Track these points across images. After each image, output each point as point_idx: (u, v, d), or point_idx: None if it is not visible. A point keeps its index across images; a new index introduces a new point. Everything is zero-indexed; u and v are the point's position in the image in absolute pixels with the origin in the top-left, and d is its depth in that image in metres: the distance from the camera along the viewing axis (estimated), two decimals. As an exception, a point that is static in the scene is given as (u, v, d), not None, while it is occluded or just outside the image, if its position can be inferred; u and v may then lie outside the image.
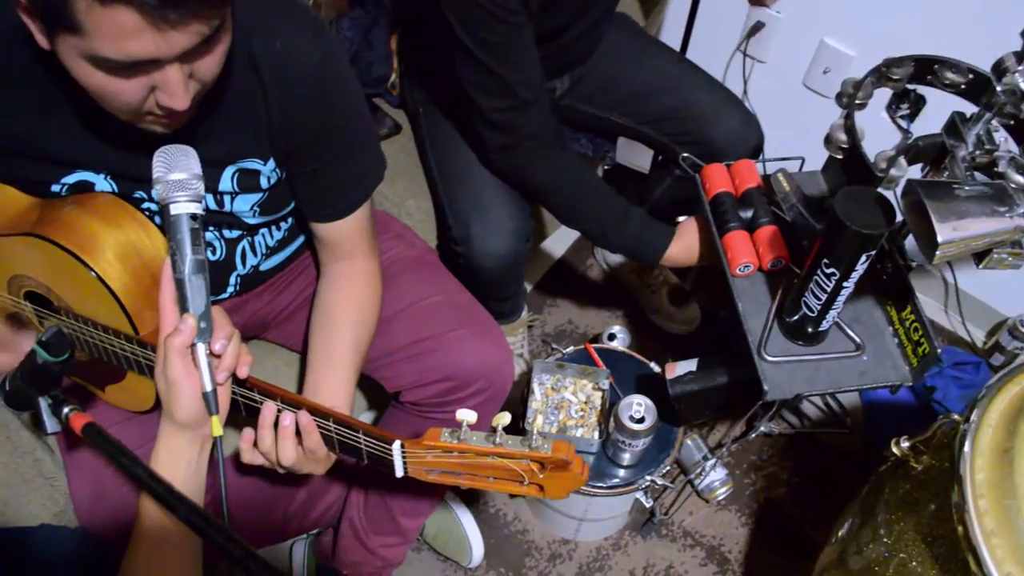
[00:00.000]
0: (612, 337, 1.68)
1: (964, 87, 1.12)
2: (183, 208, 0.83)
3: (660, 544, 1.69)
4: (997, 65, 1.06)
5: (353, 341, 1.10)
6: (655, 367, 1.53)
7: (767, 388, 1.14)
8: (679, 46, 1.79)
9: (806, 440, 1.81)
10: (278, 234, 1.17)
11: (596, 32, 1.51)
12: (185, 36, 0.74)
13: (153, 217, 0.98)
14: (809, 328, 1.16)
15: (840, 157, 1.19)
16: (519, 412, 1.46)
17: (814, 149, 1.28)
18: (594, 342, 1.59)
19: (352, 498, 1.42)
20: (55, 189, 0.96)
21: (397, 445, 0.87)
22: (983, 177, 1.05)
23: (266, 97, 0.96)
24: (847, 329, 1.20)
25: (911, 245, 1.17)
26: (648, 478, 1.42)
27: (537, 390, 1.48)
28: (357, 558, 1.45)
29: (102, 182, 0.97)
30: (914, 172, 1.15)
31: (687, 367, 1.37)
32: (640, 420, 1.34)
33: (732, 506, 1.74)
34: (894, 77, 1.15)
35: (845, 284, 1.07)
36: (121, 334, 0.94)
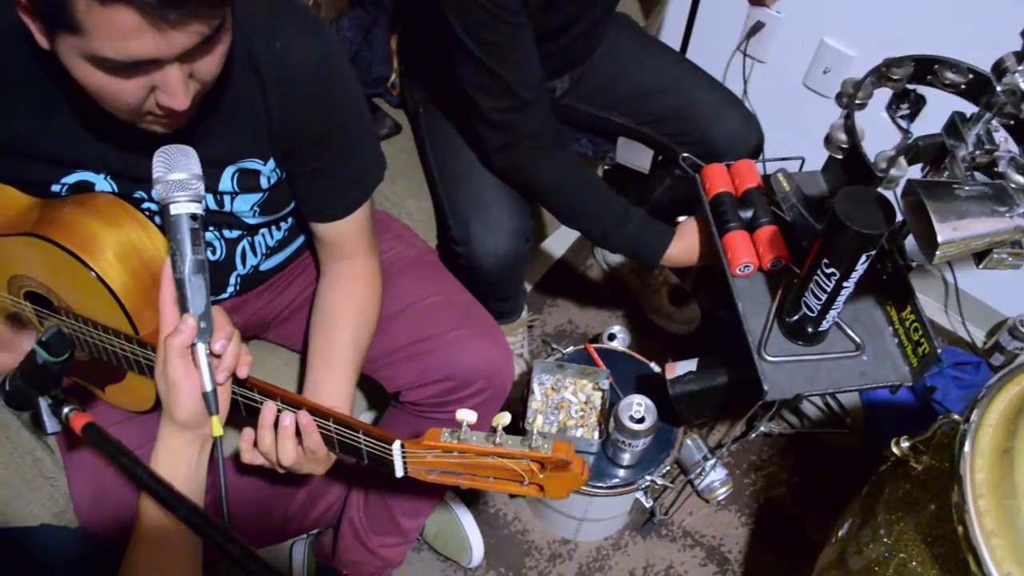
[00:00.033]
0: (612, 337, 1.68)
1: (964, 87, 1.12)
2: (183, 208, 0.83)
3: (660, 544, 1.69)
4: (997, 65, 1.06)
5: (353, 341, 1.10)
6: (655, 367, 1.53)
7: (767, 388, 1.14)
8: (679, 46, 1.79)
9: (806, 440, 1.81)
10: (278, 234, 1.17)
11: (596, 32, 1.51)
12: (185, 36, 0.74)
13: (153, 217, 0.98)
14: (809, 328, 1.16)
15: (840, 157, 1.19)
16: (519, 412, 1.46)
17: (814, 149, 1.28)
18: (594, 342, 1.59)
19: (352, 498, 1.42)
20: (55, 189, 0.96)
21: (397, 445, 0.87)
22: (983, 177, 1.06)
23: (266, 97, 0.96)
24: (847, 329, 1.20)
25: (911, 245, 1.17)
26: (648, 478, 1.42)
27: (537, 390, 1.48)
28: (357, 558, 1.45)
29: (102, 182, 0.97)
30: (914, 172, 1.15)
31: (687, 367, 1.37)
32: (640, 420, 1.34)
33: (732, 506, 1.74)
34: (894, 77, 1.15)
35: (845, 284, 1.07)
36: (121, 334, 0.94)
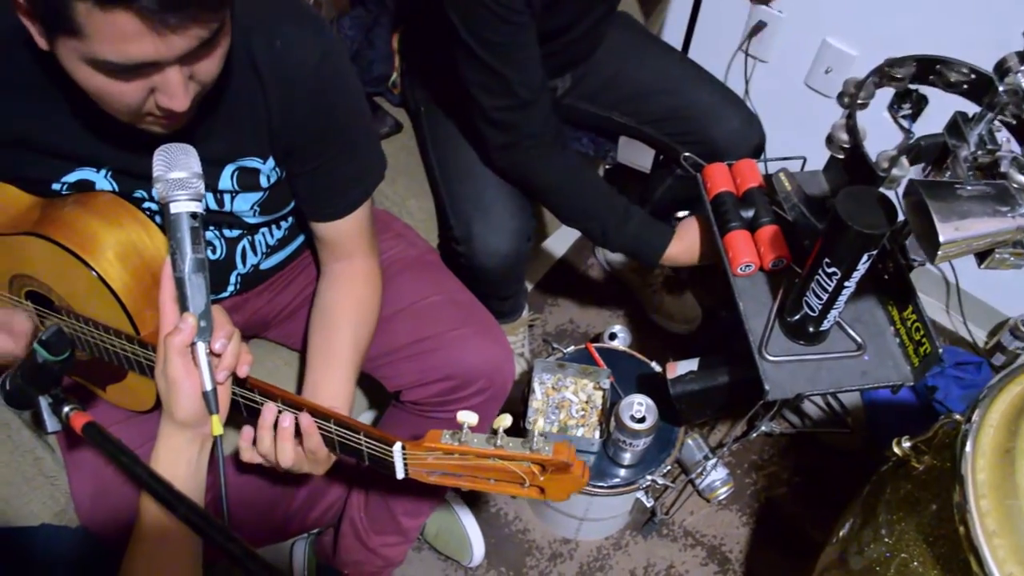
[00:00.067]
0: (613, 336, 1.67)
1: (966, 87, 1.12)
2: (183, 207, 0.83)
3: (661, 544, 1.69)
4: (999, 65, 1.06)
5: (353, 340, 1.10)
6: (656, 367, 1.53)
7: (768, 388, 1.14)
8: (681, 45, 1.78)
9: (807, 440, 1.81)
10: (278, 233, 1.17)
11: (598, 31, 1.51)
12: (184, 39, 0.74)
13: (154, 217, 0.98)
14: (810, 328, 1.16)
15: (842, 157, 1.18)
16: (520, 411, 1.46)
17: (816, 149, 1.28)
18: (595, 341, 1.59)
19: (353, 497, 1.42)
20: (55, 188, 0.96)
21: (398, 447, 0.87)
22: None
23: (266, 96, 0.96)
24: (848, 329, 1.20)
25: (913, 244, 1.17)
26: (649, 478, 1.42)
27: (538, 389, 1.48)
28: (358, 557, 1.45)
29: (102, 181, 0.97)
30: (915, 172, 1.15)
31: (688, 367, 1.36)
32: (641, 420, 1.34)
33: (733, 506, 1.74)
34: (896, 77, 1.14)
35: (846, 284, 1.07)
36: (122, 334, 0.94)
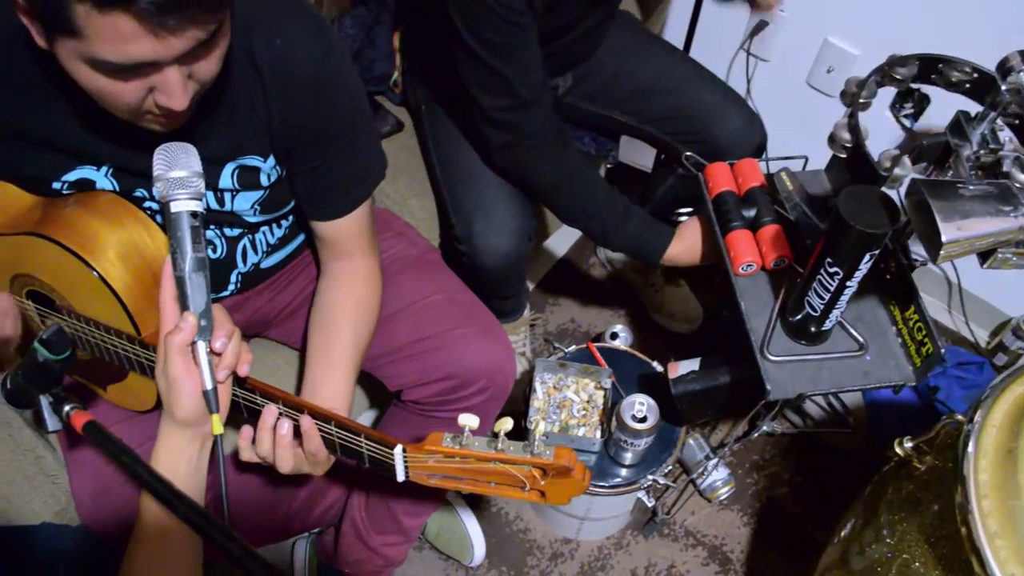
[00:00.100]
0: (614, 336, 1.67)
1: (968, 86, 1.12)
2: (183, 206, 0.83)
3: (662, 543, 1.69)
4: (1002, 64, 1.05)
5: (352, 340, 1.10)
6: (657, 366, 1.52)
7: (770, 388, 1.14)
8: (682, 44, 1.78)
9: (808, 440, 1.81)
10: (279, 232, 1.17)
11: (599, 31, 1.51)
12: (183, 40, 0.74)
13: (155, 216, 0.98)
14: (812, 328, 1.16)
15: (844, 156, 1.18)
16: (521, 411, 1.46)
17: (818, 148, 1.28)
18: (596, 341, 1.59)
19: (354, 497, 1.42)
20: (56, 187, 0.96)
21: (399, 450, 0.87)
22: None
23: (266, 94, 0.96)
24: (850, 329, 1.20)
25: (915, 244, 1.17)
26: (650, 477, 1.41)
27: (539, 389, 1.47)
28: (359, 557, 1.45)
29: (103, 179, 0.97)
30: (917, 171, 1.15)
31: (690, 366, 1.36)
32: (642, 419, 1.34)
33: (734, 506, 1.73)
34: (898, 76, 1.14)
35: (848, 283, 1.06)
36: (123, 334, 0.94)
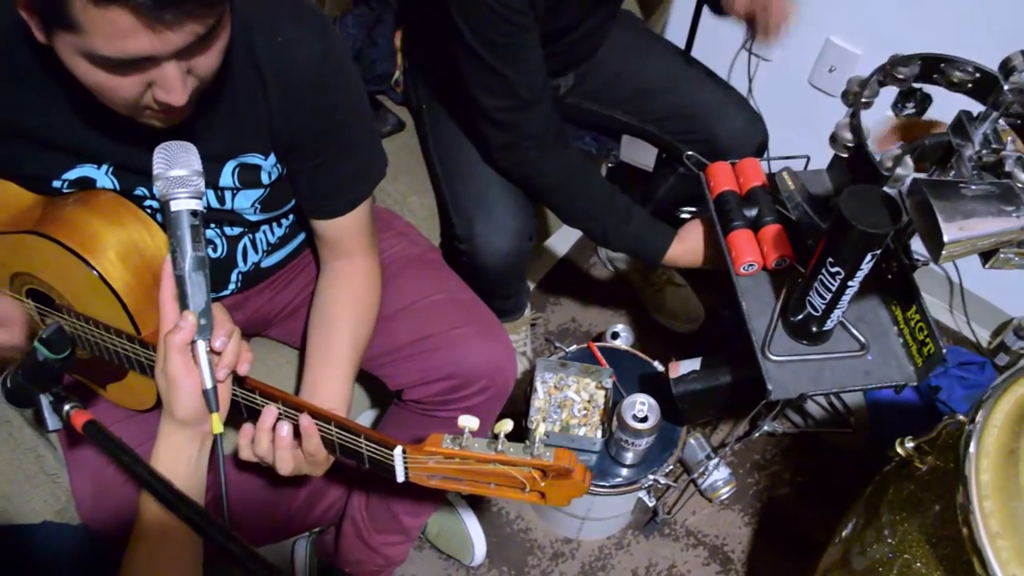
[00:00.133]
0: (615, 336, 1.67)
1: (970, 86, 1.11)
2: (183, 205, 0.83)
3: (663, 543, 1.68)
4: (1004, 64, 1.05)
5: (351, 339, 1.10)
6: (658, 366, 1.52)
7: (771, 388, 1.14)
8: (684, 44, 1.78)
9: (810, 440, 1.81)
10: (279, 231, 1.17)
11: (601, 31, 1.51)
12: (181, 35, 0.74)
13: (155, 215, 0.98)
14: (813, 327, 1.16)
15: (845, 156, 1.18)
16: (522, 411, 1.46)
17: (819, 148, 1.28)
18: (597, 341, 1.59)
19: (354, 497, 1.42)
20: (56, 185, 0.96)
21: (399, 451, 0.86)
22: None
23: (267, 93, 0.96)
24: (852, 328, 1.19)
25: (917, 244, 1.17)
26: (651, 477, 1.41)
27: (540, 389, 1.47)
28: (359, 556, 1.45)
29: (103, 178, 0.97)
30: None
31: (691, 366, 1.36)
32: (643, 419, 1.34)
33: (735, 506, 1.73)
34: (900, 76, 1.14)
35: (850, 283, 1.06)
36: (123, 333, 0.94)
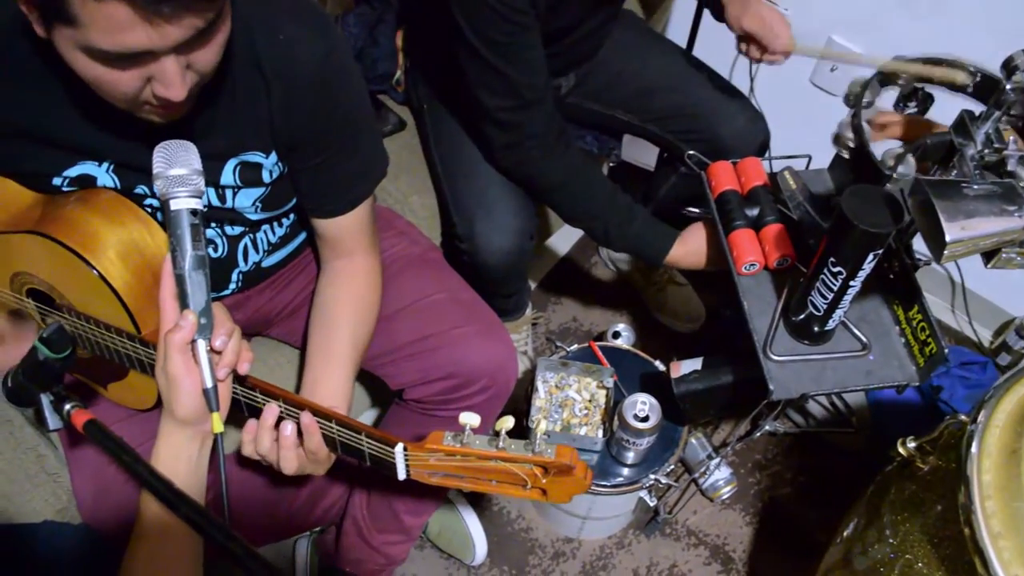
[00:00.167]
0: (617, 335, 1.67)
1: (970, 90, 1.11)
2: (183, 204, 0.82)
3: (664, 543, 1.68)
4: (1007, 63, 1.05)
5: (352, 338, 1.10)
6: (660, 365, 1.52)
7: (773, 387, 1.13)
8: (686, 43, 1.78)
9: (811, 439, 1.81)
10: (280, 231, 1.17)
11: (603, 31, 1.51)
12: (179, 29, 0.74)
13: (155, 214, 0.98)
14: (815, 327, 1.15)
15: (847, 155, 1.18)
16: (523, 410, 1.46)
17: (821, 147, 1.28)
18: (598, 340, 1.59)
19: (355, 496, 1.42)
20: (56, 182, 0.96)
21: (400, 448, 0.86)
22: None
23: (268, 92, 0.96)
24: (853, 328, 1.19)
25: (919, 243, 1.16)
26: (652, 477, 1.41)
27: (541, 388, 1.47)
28: (360, 555, 1.45)
29: (104, 175, 0.97)
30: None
31: (692, 366, 1.36)
32: (644, 419, 1.33)
33: (736, 505, 1.73)
34: (901, 77, 1.14)
35: (852, 283, 1.06)
36: (123, 332, 0.94)
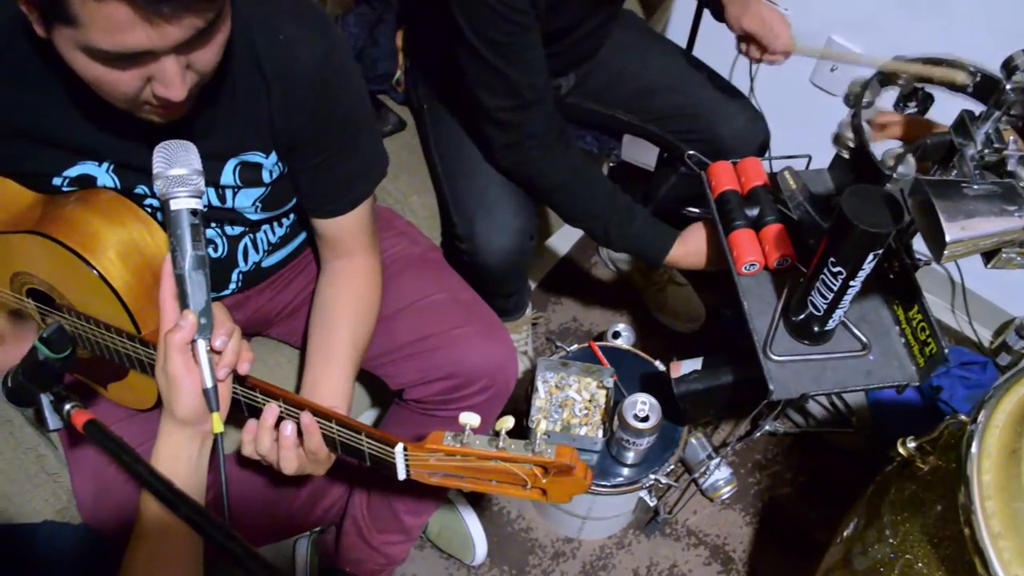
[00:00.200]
0: (617, 335, 1.67)
1: (971, 89, 1.11)
2: (183, 204, 0.82)
3: (664, 543, 1.68)
4: (1007, 63, 1.05)
5: (352, 338, 1.10)
6: (660, 365, 1.52)
7: (773, 387, 1.13)
8: (686, 43, 1.78)
9: (811, 439, 1.80)
10: (280, 231, 1.17)
11: (603, 31, 1.51)
12: (179, 29, 0.74)
13: (155, 214, 0.98)
14: (815, 327, 1.15)
15: (847, 155, 1.18)
16: (523, 410, 1.46)
17: (821, 147, 1.28)
18: (598, 340, 1.59)
19: (355, 496, 1.42)
20: (56, 182, 0.96)
21: (400, 448, 0.86)
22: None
23: (269, 92, 0.96)
24: (853, 328, 1.19)
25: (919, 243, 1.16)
26: (652, 477, 1.41)
27: (541, 388, 1.47)
28: (360, 555, 1.45)
29: (104, 175, 0.97)
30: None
31: (692, 366, 1.36)
32: (644, 419, 1.33)
33: (736, 505, 1.73)
34: (901, 78, 1.14)
35: (852, 283, 1.06)
36: (123, 332, 0.94)
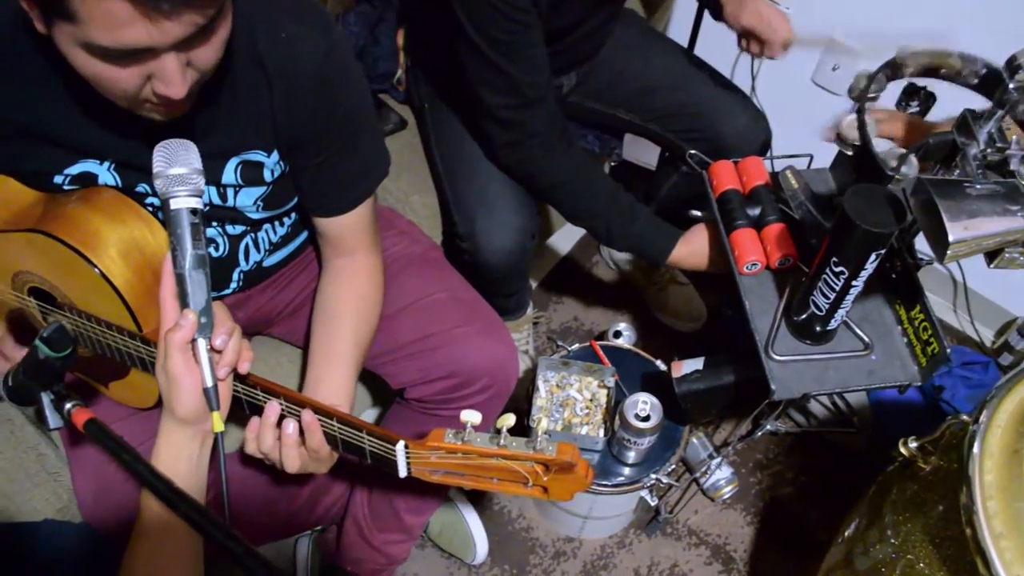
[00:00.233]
0: (618, 335, 1.67)
1: (977, 83, 1.11)
2: (183, 203, 0.82)
3: (665, 542, 1.68)
4: (1010, 62, 1.04)
5: (354, 337, 1.10)
6: (661, 365, 1.52)
7: (774, 387, 1.13)
8: (687, 42, 1.77)
9: (813, 439, 1.80)
10: (281, 230, 1.16)
11: (604, 30, 1.51)
12: (179, 26, 0.74)
13: (157, 212, 0.98)
14: (817, 327, 1.15)
15: (850, 154, 1.17)
16: (524, 409, 1.46)
17: (823, 146, 1.27)
18: (600, 339, 1.58)
19: (356, 495, 1.42)
20: (57, 181, 0.96)
21: (401, 445, 0.86)
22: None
23: (271, 90, 0.96)
24: (855, 328, 1.19)
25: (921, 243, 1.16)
26: (653, 476, 1.41)
27: (542, 387, 1.47)
28: (361, 555, 1.45)
29: (105, 173, 0.96)
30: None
31: (693, 365, 1.36)
32: (645, 418, 1.33)
33: (737, 505, 1.73)
34: (907, 71, 1.13)
35: (854, 283, 1.06)
36: (124, 330, 0.94)
